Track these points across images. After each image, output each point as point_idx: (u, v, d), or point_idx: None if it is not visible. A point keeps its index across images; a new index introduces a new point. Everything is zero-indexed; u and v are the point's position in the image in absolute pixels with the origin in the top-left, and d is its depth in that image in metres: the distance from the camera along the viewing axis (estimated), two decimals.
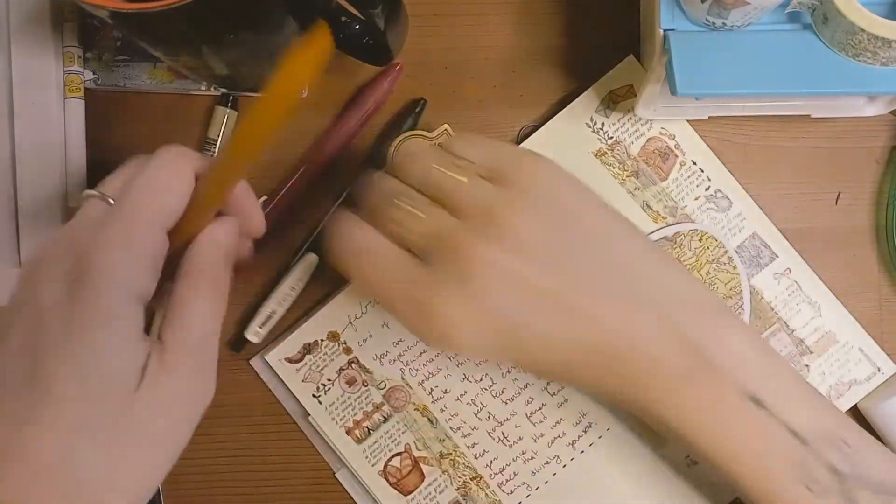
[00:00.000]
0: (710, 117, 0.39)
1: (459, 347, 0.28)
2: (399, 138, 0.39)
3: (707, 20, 0.32)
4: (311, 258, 0.39)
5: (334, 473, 0.40)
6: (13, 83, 0.37)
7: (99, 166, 0.40)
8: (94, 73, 0.40)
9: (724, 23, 0.31)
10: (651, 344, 0.29)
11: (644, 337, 0.29)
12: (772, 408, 0.29)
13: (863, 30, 0.29)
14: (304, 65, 0.25)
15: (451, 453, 0.39)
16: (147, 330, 0.27)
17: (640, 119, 0.39)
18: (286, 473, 0.40)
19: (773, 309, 0.39)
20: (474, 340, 0.28)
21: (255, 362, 0.40)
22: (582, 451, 0.39)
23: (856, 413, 0.40)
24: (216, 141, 0.39)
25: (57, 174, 0.38)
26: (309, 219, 0.40)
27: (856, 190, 0.40)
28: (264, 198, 0.40)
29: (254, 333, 0.39)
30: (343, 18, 0.36)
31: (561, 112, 0.40)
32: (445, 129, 0.39)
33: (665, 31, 0.32)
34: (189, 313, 0.26)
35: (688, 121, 0.40)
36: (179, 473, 0.36)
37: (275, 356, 0.39)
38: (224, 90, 0.40)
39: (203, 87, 0.40)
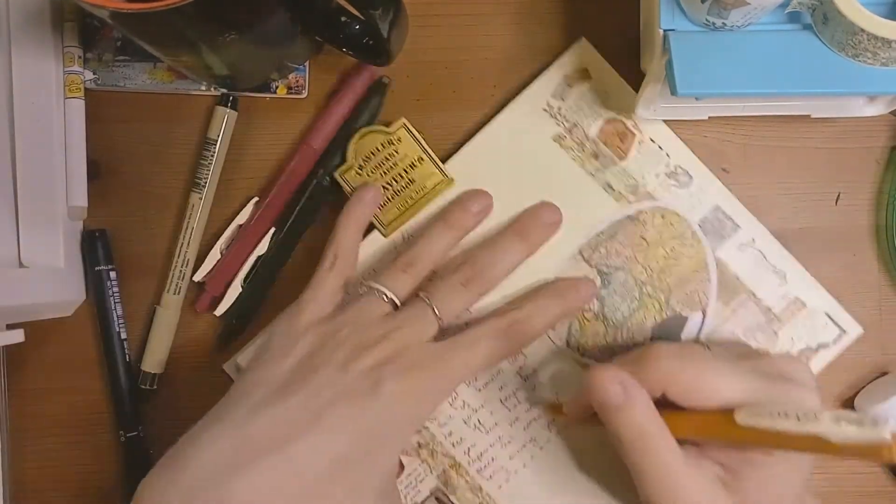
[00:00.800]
0: (710, 117, 0.39)
1: None
2: (357, 134, 0.39)
3: (707, 20, 0.32)
4: None
5: None
6: (13, 83, 0.37)
7: (99, 166, 0.40)
8: (94, 73, 0.40)
9: (724, 23, 0.31)
10: None
11: None
12: None
13: (863, 30, 0.29)
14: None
15: (428, 443, 0.39)
16: None
17: (595, 100, 0.40)
18: None
19: (739, 279, 0.39)
20: None
21: (229, 367, 0.39)
22: (558, 432, 0.39)
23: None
24: (216, 141, 0.39)
25: (57, 174, 0.38)
26: None
27: (856, 190, 0.40)
28: (256, 199, 0.40)
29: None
30: (343, 18, 0.36)
31: (517, 98, 0.40)
32: (403, 124, 0.39)
33: (665, 31, 0.32)
34: None
35: (687, 120, 0.40)
36: None
37: (247, 359, 0.39)
38: (224, 90, 0.40)
39: (203, 87, 0.40)
